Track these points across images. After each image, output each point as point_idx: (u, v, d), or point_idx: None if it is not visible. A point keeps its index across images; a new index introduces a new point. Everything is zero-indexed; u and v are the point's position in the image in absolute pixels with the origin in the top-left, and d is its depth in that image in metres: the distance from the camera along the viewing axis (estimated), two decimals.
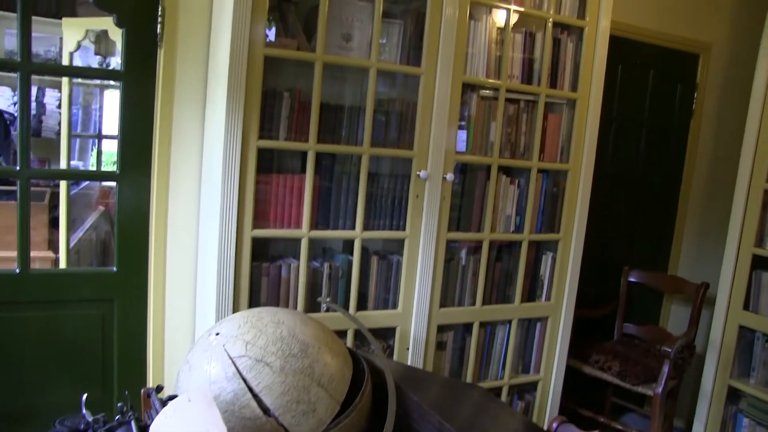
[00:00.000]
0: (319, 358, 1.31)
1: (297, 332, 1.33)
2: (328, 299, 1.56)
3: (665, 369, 3.36)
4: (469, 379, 3.03)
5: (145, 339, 2.80)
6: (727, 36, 4.24)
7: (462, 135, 2.84)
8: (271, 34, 2.57)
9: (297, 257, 2.58)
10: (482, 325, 3.03)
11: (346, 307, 2.67)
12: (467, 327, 3.01)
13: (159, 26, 2.64)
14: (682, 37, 4.13)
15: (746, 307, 3.51)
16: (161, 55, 2.66)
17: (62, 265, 3.45)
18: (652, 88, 4.14)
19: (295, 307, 2.58)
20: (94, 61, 4.03)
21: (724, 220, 3.61)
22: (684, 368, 3.65)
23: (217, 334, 1.33)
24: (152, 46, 2.66)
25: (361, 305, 2.72)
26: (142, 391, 1.33)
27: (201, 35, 2.69)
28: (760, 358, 3.52)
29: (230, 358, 1.26)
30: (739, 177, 3.53)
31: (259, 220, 2.49)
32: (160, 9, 2.63)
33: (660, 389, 3.35)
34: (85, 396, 1.30)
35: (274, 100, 2.48)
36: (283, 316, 1.38)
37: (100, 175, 3.67)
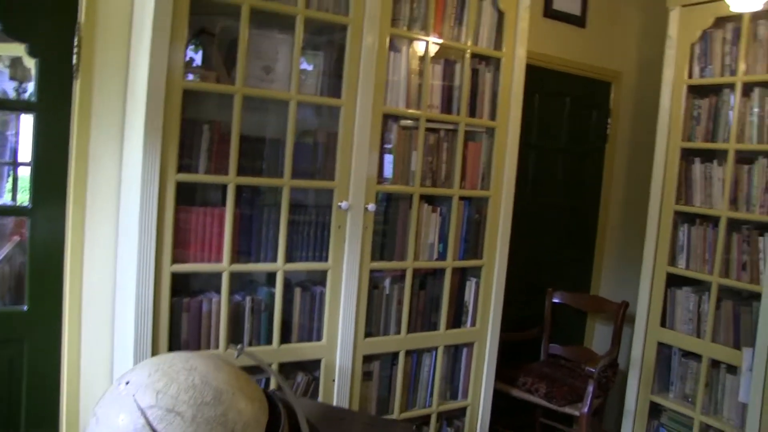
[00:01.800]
0: (233, 405, 1.28)
1: (210, 379, 1.31)
2: (239, 346, 1.53)
3: (590, 389, 3.44)
4: (396, 407, 3.03)
5: (58, 383, 2.67)
6: (634, 65, 4.44)
7: (386, 163, 2.87)
8: (196, 59, 2.55)
9: (219, 291, 2.54)
10: (408, 353, 3.05)
11: (269, 340, 2.65)
12: (394, 356, 3.01)
13: (75, 57, 2.58)
14: (594, 66, 4.29)
15: (663, 323, 3.64)
16: (77, 86, 2.60)
17: None
18: (568, 115, 4.27)
19: (217, 343, 2.54)
20: (10, 86, 3.89)
21: (640, 241, 3.74)
22: (608, 386, 3.74)
23: (127, 383, 1.29)
24: (68, 77, 2.59)
25: (285, 338, 2.69)
26: None
27: (119, 67, 2.64)
28: (678, 373, 3.64)
29: (140, 408, 1.23)
30: (652, 198, 3.67)
31: (178, 255, 2.44)
32: (76, 39, 2.57)
33: (585, 409, 3.43)
34: None
35: (194, 133, 2.45)
36: (196, 362, 1.35)
37: (8, 211, 3.50)
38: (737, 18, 3.29)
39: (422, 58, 2.90)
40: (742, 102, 3.31)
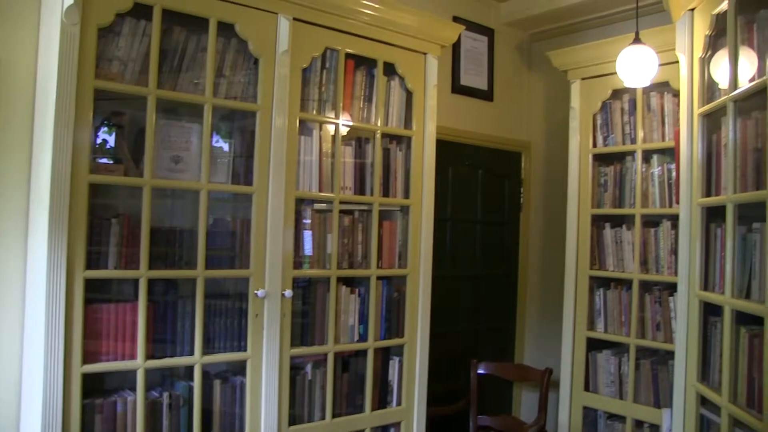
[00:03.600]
0: None
1: None
2: None
3: None
4: None
5: None
6: (542, 135, 4.59)
7: (302, 247, 2.86)
8: (103, 151, 2.50)
9: (134, 389, 2.45)
10: None
11: None
12: None
13: None
14: (504, 138, 4.43)
15: (587, 387, 3.69)
16: None
17: None
18: (482, 186, 4.34)
19: None
20: None
21: (560, 307, 3.81)
22: None
23: None
24: None
25: None
26: None
27: (21, 163, 2.55)
28: None
29: None
30: (567, 265, 3.76)
31: (89, 353, 2.35)
32: None
33: None
34: None
35: (102, 227, 2.40)
36: None
37: None
38: (632, 90, 3.49)
39: (333, 139, 2.93)
40: (644, 168, 3.47)
